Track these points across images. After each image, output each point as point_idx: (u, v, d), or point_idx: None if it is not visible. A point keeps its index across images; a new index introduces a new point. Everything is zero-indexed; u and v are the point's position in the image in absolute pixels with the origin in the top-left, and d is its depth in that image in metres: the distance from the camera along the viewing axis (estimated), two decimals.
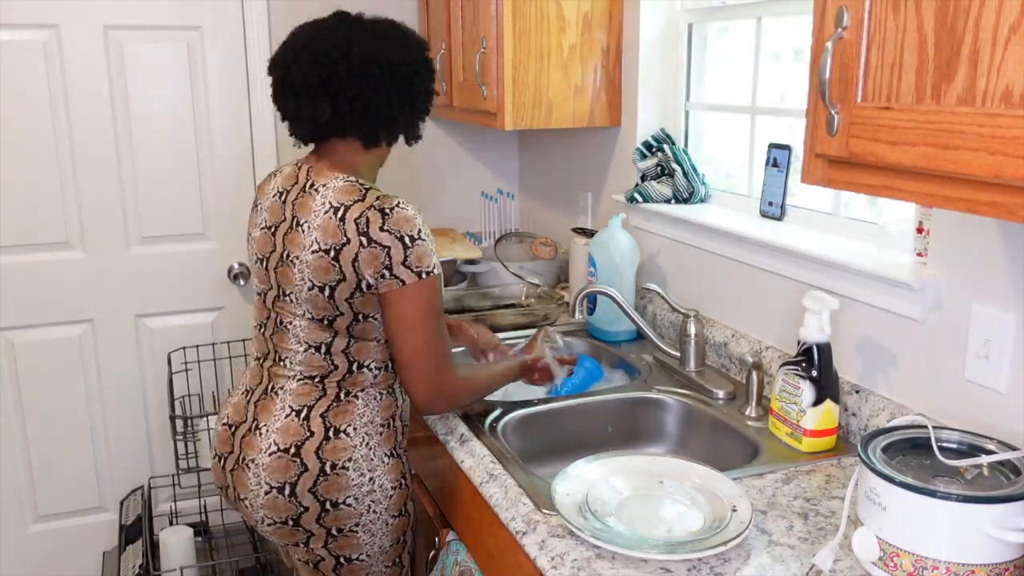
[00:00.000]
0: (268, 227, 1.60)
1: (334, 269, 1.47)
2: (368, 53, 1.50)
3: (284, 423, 1.56)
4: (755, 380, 1.66)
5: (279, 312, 1.58)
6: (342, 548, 1.61)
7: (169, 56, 2.67)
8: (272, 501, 1.56)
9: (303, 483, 1.54)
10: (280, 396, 1.58)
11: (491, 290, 2.48)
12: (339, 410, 1.56)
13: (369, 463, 1.58)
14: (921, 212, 1.47)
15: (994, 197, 0.89)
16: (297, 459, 1.54)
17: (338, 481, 1.55)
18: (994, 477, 1.07)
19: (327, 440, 1.55)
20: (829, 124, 1.07)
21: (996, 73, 0.86)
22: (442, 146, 3.04)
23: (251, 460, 1.57)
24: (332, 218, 1.48)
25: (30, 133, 2.58)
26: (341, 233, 1.46)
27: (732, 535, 1.18)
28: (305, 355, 1.56)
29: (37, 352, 2.71)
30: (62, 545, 2.84)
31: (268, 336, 1.62)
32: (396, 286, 1.47)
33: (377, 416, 1.60)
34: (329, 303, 1.50)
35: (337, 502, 1.56)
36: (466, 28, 2.41)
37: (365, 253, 1.46)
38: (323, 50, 1.50)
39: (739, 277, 1.89)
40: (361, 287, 1.48)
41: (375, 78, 1.51)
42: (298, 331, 1.55)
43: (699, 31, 2.17)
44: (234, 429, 1.63)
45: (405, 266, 1.46)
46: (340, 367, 1.56)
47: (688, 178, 2.11)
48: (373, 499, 1.59)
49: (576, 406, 1.76)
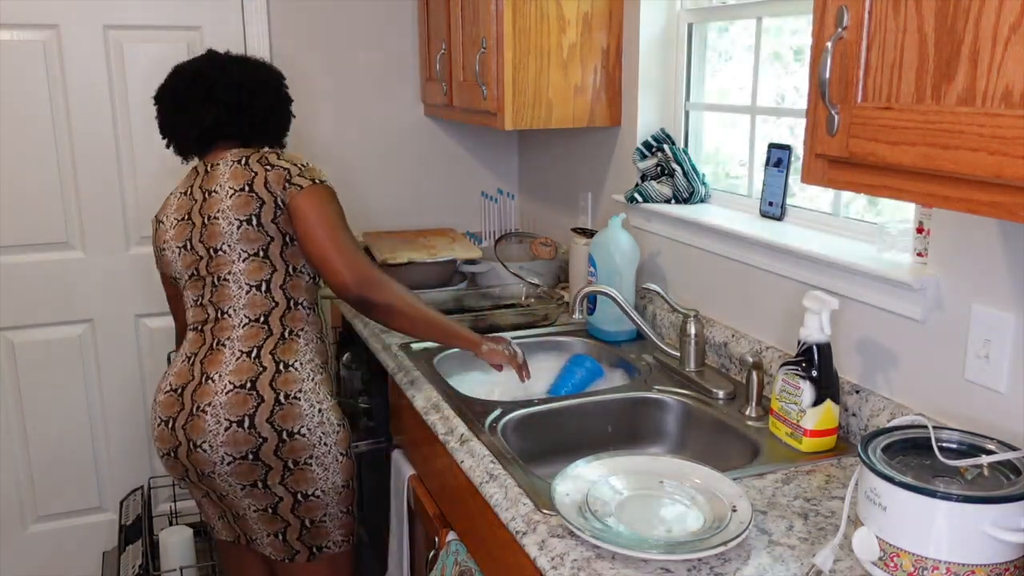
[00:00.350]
0: (181, 218, 1.83)
1: (253, 198, 1.73)
2: (241, 72, 1.85)
3: (237, 364, 1.73)
4: (755, 380, 1.66)
5: (215, 271, 1.77)
6: (298, 483, 1.75)
7: (169, 56, 2.65)
8: (232, 436, 1.69)
9: (261, 413, 1.70)
10: (228, 346, 1.75)
11: (491, 290, 2.48)
12: (285, 347, 1.76)
13: (317, 395, 1.76)
14: (921, 212, 1.46)
15: (994, 197, 0.89)
16: (254, 392, 1.70)
17: (292, 410, 1.72)
18: (994, 477, 1.07)
19: (279, 373, 1.73)
20: (829, 124, 1.07)
21: (996, 73, 0.86)
22: (442, 146, 3.04)
23: (207, 404, 1.71)
24: (238, 166, 1.77)
25: (30, 133, 2.58)
26: (249, 172, 1.76)
27: (732, 535, 1.18)
28: (248, 297, 1.75)
29: (37, 352, 2.71)
30: (62, 545, 2.84)
31: (207, 301, 1.79)
32: (295, 191, 1.73)
33: (316, 357, 1.81)
34: (259, 231, 1.73)
35: (292, 431, 1.72)
36: (466, 28, 2.41)
37: (272, 174, 1.74)
38: (203, 73, 1.83)
39: (739, 277, 1.89)
40: (279, 204, 1.73)
41: (248, 90, 1.83)
42: (238, 276, 1.75)
43: (699, 31, 2.17)
44: (180, 391, 1.76)
45: (301, 176, 1.75)
46: (280, 303, 1.77)
47: (688, 178, 2.11)
48: (323, 431, 1.76)
49: (576, 406, 1.76)
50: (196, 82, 1.82)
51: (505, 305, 2.42)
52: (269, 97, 1.88)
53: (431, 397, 1.79)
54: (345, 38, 2.83)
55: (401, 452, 2.07)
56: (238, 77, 1.84)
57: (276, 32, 2.75)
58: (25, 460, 2.76)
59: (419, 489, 1.92)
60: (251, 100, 1.83)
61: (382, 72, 2.92)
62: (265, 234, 1.74)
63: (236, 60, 1.88)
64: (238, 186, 1.74)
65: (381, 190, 2.98)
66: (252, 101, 1.84)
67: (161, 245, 1.88)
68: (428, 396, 1.80)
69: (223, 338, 1.76)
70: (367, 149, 2.93)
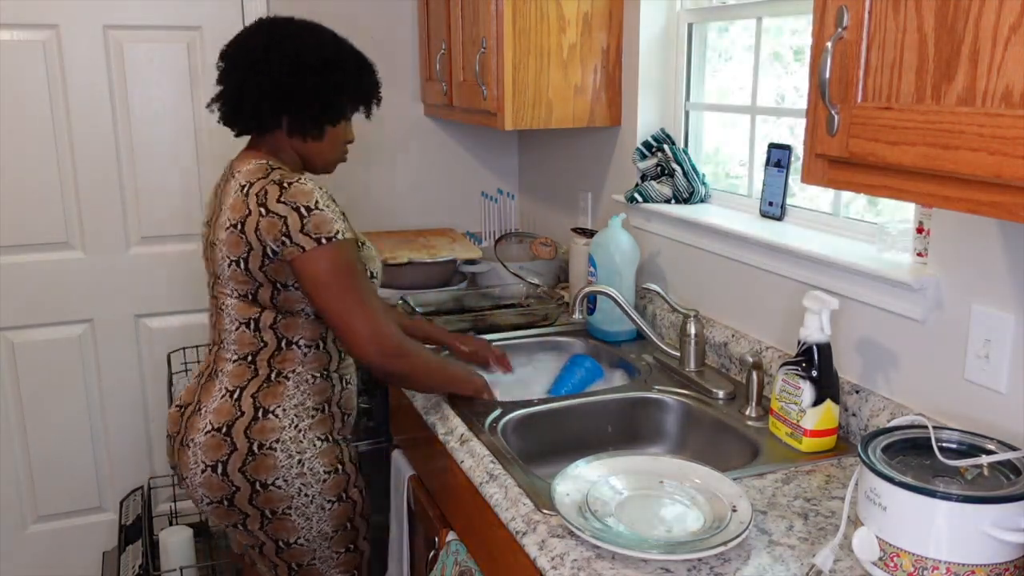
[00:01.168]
0: (207, 221, 1.70)
1: (242, 241, 1.56)
2: (284, 45, 1.62)
3: (219, 403, 1.63)
4: (755, 380, 1.66)
5: (217, 296, 1.67)
6: (278, 531, 1.66)
7: (169, 56, 2.67)
8: (207, 480, 1.62)
9: (233, 462, 1.61)
10: (219, 378, 1.66)
11: (491, 290, 2.48)
12: (268, 391, 1.63)
13: (298, 445, 1.63)
14: (921, 212, 1.46)
15: (994, 197, 0.89)
16: (228, 438, 1.61)
17: (265, 461, 1.61)
18: (994, 477, 1.07)
19: (255, 420, 1.61)
20: (829, 124, 1.07)
21: (996, 73, 0.86)
22: (442, 146, 3.04)
23: (191, 440, 1.64)
24: (240, 195, 1.58)
25: (30, 133, 2.58)
26: (245, 207, 1.56)
27: (732, 535, 1.18)
28: (237, 333, 1.64)
29: (37, 352, 2.71)
30: (62, 545, 2.84)
31: (214, 323, 1.70)
32: (298, 252, 1.53)
33: (309, 399, 1.65)
34: (247, 275, 1.58)
35: (267, 483, 1.61)
36: (466, 28, 2.41)
37: (264, 222, 1.53)
38: (243, 47, 1.65)
39: (739, 277, 1.89)
40: (267, 254, 1.55)
41: (295, 66, 1.61)
42: (230, 310, 1.64)
43: (699, 31, 2.17)
44: (183, 410, 1.70)
45: (303, 233, 1.52)
46: (269, 344, 1.63)
47: (688, 178, 2.11)
48: (304, 482, 1.63)
49: (576, 406, 1.76)
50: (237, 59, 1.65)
51: (505, 305, 2.42)
52: (315, 70, 1.64)
53: (431, 397, 1.79)
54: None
55: (401, 452, 2.07)
56: (279, 51, 1.62)
57: None
58: (25, 460, 2.76)
59: (419, 489, 1.92)
60: (295, 77, 1.61)
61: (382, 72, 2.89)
62: (252, 279, 1.59)
63: (280, 26, 1.67)
64: (232, 220, 1.57)
65: (381, 190, 2.98)
66: (295, 78, 1.61)
67: None
68: (428, 396, 1.80)
69: (218, 368, 1.67)
70: (367, 149, 2.92)
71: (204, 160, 2.76)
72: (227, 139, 2.76)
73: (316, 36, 1.68)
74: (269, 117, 1.65)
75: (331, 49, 1.68)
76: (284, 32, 1.66)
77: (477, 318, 2.23)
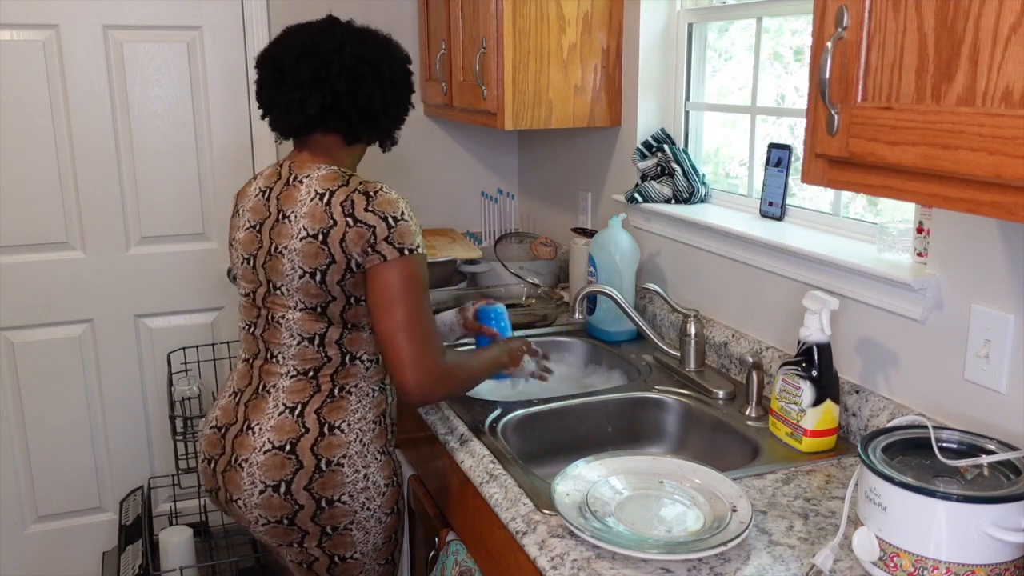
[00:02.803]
0: (253, 226, 1.62)
1: (323, 252, 1.50)
2: (359, 54, 1.58)
3: (278, 420, 1.56)
4: (755, 380, 1.66)
5: (270, 308, 1.58)
6: (336, 547, 1.61)
7: (169, 56, 2.67)
8: (267, 500, 1.55)
9: (299, 480, 1.54)
10: (273, 394, 1.58)
11: (491, 290, 2.48)
12: (333, 406, 1.57)
13: (364, 460, 1.58)
14: (921, 212, 1.47)
15: (994, 197, 0.89)
16: (293, 456, 1.54)
17: (334, 478, 1.56)
18: (994, 477, 1.07)
19: (322, 436, 1.55)
20: (829, 124, 1.07)
21: (996, 73, 0.86)
22: (442, 146, 3.04)
23: (244, 460, 1.56)
24: (319, 204, 1.51)
25: (30, 133, 2.58)
26: (328, 217, 1.50)
27: (732, 535, 1.18)
28: (298, 348, 1.56)
29: (37, 352, 2.71)
30: (62, 545, 2.84)
31: (259, 335, 1.62)
32: (378, 261, 1.49)
33: (369, 413, 1.61)
34: (321, 288, 1.52)
35: (332, 499, 1.56)
36: (466, 28, 2.41)
37: (352, 232, 1.48)
38: (315, 47, 1.57)
39: (739, 277, 1.89)
40: (351, 267, 1.50)
41: (363, 77, 1.58)
42: (291, 324, 1.56)
43: (699, 31, 2.17)
44: (224, 431, 1.62)
45: (387, 242, 1.49)
46: (333, 359, 1.57)
47: (688, 178, 2.11)
48: (367, 496, 1.59)
49: (576, 406, 1.76)
50: (307, 58, 1.56)
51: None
52: (386, 92, 1.62)
53: None
54: None
55: (401, 452, 2.07)
56: (357, 60, 1.57)
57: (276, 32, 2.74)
58: (25, 460, 2.76)
59: (419, 489, 1.92)
60: (362, 92, 1.58)
61: None
62: (327, 293, 1.52)
63: (357, 35, 1.62)
64: (312, 230, 1.50)
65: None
66: (364, 93, 1.58)
67: (232, 237, 1.69)
68: None
69: (269, 384, 1.59)
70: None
71: (204, 160, 2.76)
72: (229, 139, 2.78)
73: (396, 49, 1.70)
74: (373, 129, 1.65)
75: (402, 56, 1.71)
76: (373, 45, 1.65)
77: None
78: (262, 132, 2.79)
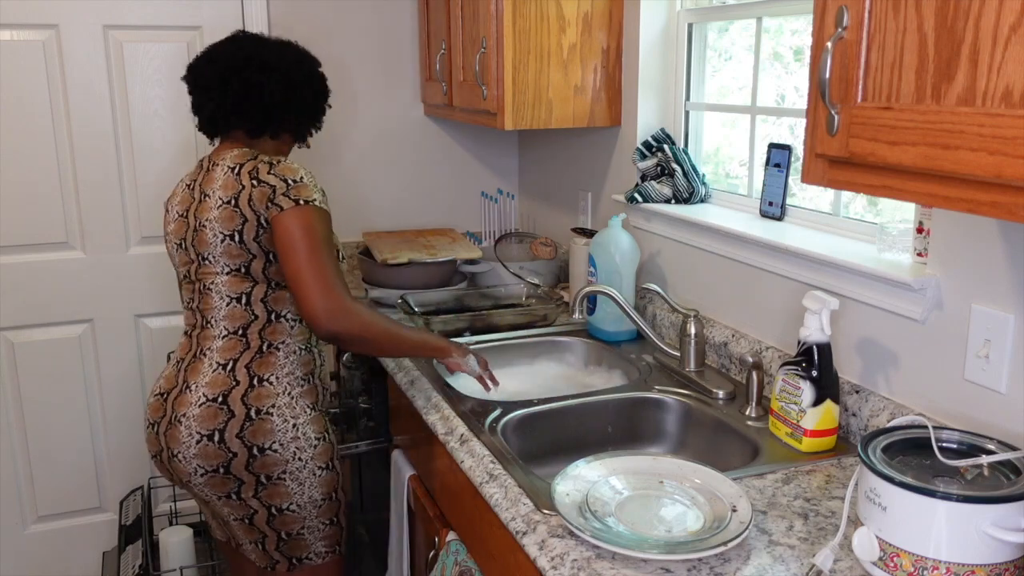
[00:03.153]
0: (181, 215, 1.79)
1: (237, 214, 1.67)
2: (257, 57, 1.76)
3: (212, 377, 1.70)
4: (755, 380, 1.66)
5: (201, 278, 1.74)
6: (271, 497, 1.72)
7: (169, 56, 2.67)
8: (203, 449, 1.68)
9: (231, 429, 1.67)
10: (208, 356, 1.73)
11: (491, 290, 2.48)
12: (262, 361, 1.72)
13: (292, 410, 1.72)
14: (921, 212, 1.47)
15: (994, 197, 0.89)
16: (224, 406, 1.68)
17: (263, 426, 1.69)
18: (994, 477, 1.07)
19: (251, 388, 1.70)
20: (829, 124, 1.07)
21: (996, 73, 0.86)
22: (442, 146, 3.04)
23: (182, 415, 1.70)
24: (231, 175, 1.70)
25: (30, 133, 2.58)
26: (238, 183, 1.68)
27: (732, 535, 1.18)
28: (228, 309, 1.72)
29: (37, 352, 2.71)
30: (62, 545, 2.84)
31: (195, 308, 1.77)
32: (276, 211, 1.65)
33: (297, 369, 1.76)
34: (241, 248, 1.68)
35: (263, 447, 1.69)
36: (466, 28, 2.41)
37: (256, 192, 1.66)
38: (219, 55, 1.77)
39: (739, 277, 1.89)
40: (261, 223, 1.66)
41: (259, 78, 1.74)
42: (220, 287, 1.71)
43: (699, 31, 2.17)
44: (166, 396, 1.75)
45: (285, 195, 1.65)
46: (260, 317, 1.72)
47: (688, 178, 2.11)
48: (298, 446, 1.72)
49: (576, 406, 1.76)
50: (212, 64, 1.77)
51: (505, 305, 2.42)
52: (285, 88, 1.78)
53: (431, 397, 1.79)
54: (345, 38, 2.83)
55: (401, 452, 2.07)
56: (255, 62, 1.75)
57: (276, 32, 2.75)
58: (25, 460, 2.76)
59: (419, 489, 1.92)
60: (264, 90, 1.75)
61: (382, 72, 2.92)
62: (247, 252, 1.68)
63: (259, 44, 1.80)
64: (226, 198, 1.68)
65: (381, 190, 2.98)
66: (265, 91, 1.75)
67: (166, 234, 1.85)
68: (428, 396, 1.80)
69: (204, 347, 1.73)
70: (367, 149, 2.93)
71: None
72: None
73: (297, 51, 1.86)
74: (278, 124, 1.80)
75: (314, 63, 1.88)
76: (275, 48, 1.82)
77: (477, 318, 2.23)
78: None
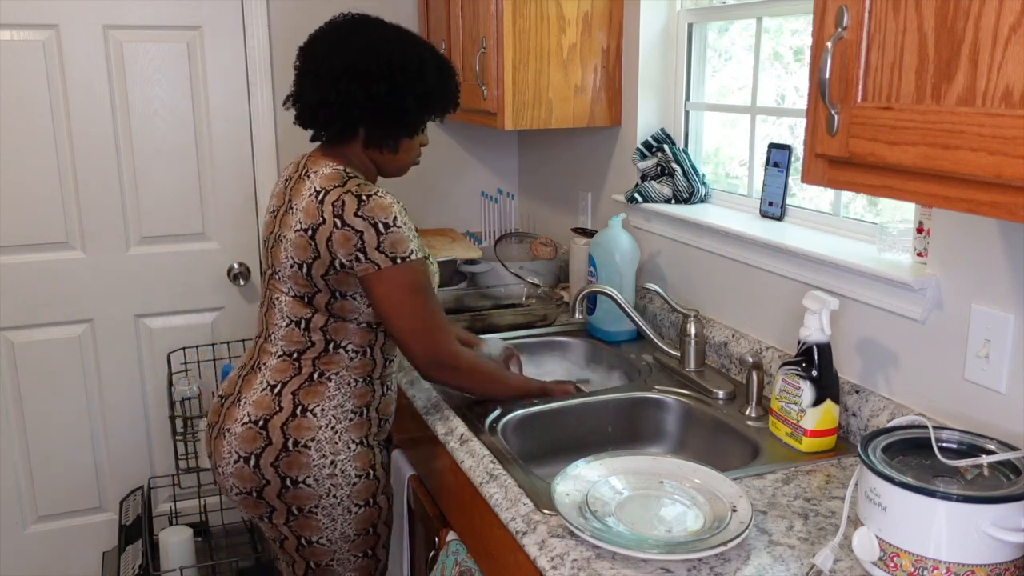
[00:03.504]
0: (273, 211, 1.70)
1: (310, 247, 1.56)
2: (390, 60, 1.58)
3: (259, 396, 1.64)
4: (755, 380, 1.66)
5: (271, 289, 1.67)
6: (302, 528, 1.66)
7: (169, 56, 2.67)
8: (239, 470, 1.63)
9: (266, 456, 1.62)
10: (262, 371, 1.66)
11: (491, 290, 2.48)
12: (310, 389, 1.63)
13: (333, 446, 1.63)
14: (921, 212, 1.47)
15: (994, 197, 0.89)
16: (264, 432, 1.62)
17: (299, 459, 1.62)
18: (994, 477, 1.07)
19: (293, 417, 1.62)
20: (829, 124, 1.07)
21: (996, 73, 0.86)
22: (442, 146, 3.04)
23: (227, 429, 1.65)
24: (314, 200, 1.57)
25: (30, 133, 2.58)
26: (319, 214, 1.55)
27: (732, 535, 1.18)
28: (287, 330, 1.64)
29: (37, 352, 2.71)
30: (62, 545, 2.84)
31: (263, 314, 1.70)
32: (372, 270, 1.54)
33: (348, 402, 1.66)
34: (307, 280, 1.58)
35: (297, 480, 1.62)
36: (466, 28, 2.41)
37: (338, 234, 1.53)
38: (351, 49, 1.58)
39: (739, 277, 1.89)
40: (335, 265, 1.55)
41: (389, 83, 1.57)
42: (283, 307, 1.64)
43: (699, 31, 2.17)
44: (224, 401, 1.71)
45: (379, 251, 1.53)
46: (316, 344, 1.63)
47: (688, 178, 2.11)
48: (334, 483, 1.64)
49: (576, 406, 1.76)
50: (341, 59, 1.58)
51: (505, 305, 2.42)
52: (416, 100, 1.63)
53: (431, 397, 1.79)
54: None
55: (401, 452, 2.07)
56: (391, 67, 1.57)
57: (276, 32, 2.75)
58: (25, 460, 2.76)
59: (419, 489, 1.92)
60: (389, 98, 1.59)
61: None
62: (313, 285, 1.58)
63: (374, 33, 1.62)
64: (304, 225, 1.55)
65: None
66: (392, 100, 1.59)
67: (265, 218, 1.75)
68: (428, 396, 1.80)
69: (261, 361, 1.67)
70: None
71: (204, 160, 2.76)
72: (229, 139, 2.78)
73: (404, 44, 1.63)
74: (346, 129, 1.63)
75: (415, 60, 1.62)
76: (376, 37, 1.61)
77: (477, 318, 2.23)
78: (262, 132, 2.79)
